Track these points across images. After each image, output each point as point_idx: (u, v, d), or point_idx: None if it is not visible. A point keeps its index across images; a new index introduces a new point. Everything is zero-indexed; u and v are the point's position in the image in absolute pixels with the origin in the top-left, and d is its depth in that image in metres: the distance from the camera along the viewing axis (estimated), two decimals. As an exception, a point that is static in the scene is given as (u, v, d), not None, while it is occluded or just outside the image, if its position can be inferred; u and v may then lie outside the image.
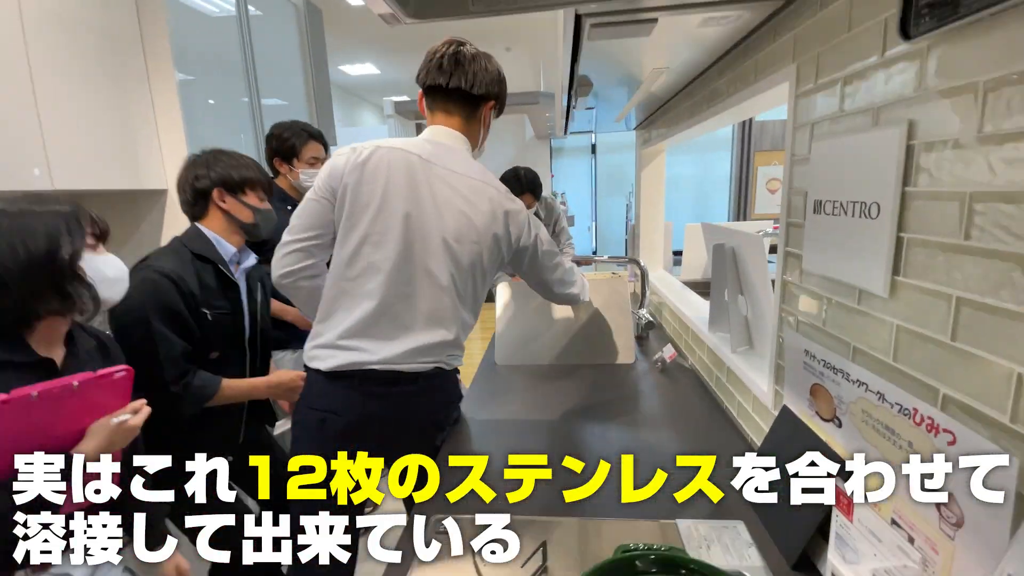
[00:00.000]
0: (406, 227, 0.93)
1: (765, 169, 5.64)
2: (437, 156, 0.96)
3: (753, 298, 1.09)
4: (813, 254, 0.75)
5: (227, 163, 1.20)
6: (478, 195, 0.95)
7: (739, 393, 1.09)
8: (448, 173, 0.95)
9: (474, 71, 0.96)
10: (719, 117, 1.22)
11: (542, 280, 1.10)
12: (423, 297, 0.96)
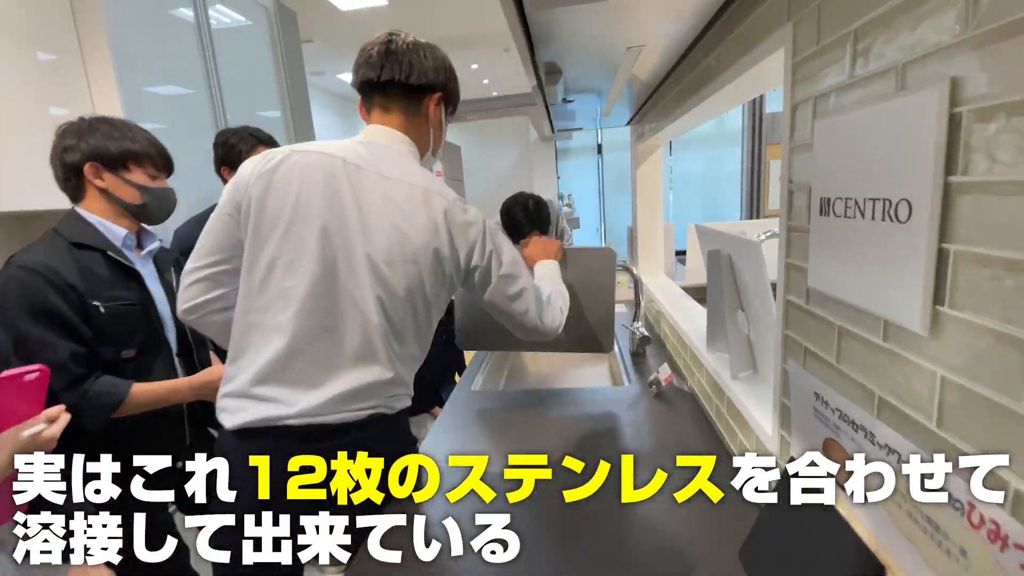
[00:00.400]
0: (324, 245, 0.76)
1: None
2: (368, 159, 0.79)
3: (754, 315, 0.91)
4: (821, 268, 0.57)
5: (105, 132, 1.03)
6: (417, 204, 0.77)
7: (740, 430, 0.91)
8: (380, 179, 0.78)
9: (410, 60, 0.81)
10: (713, 101, 1.05)
11: (501, 312, 0.89)
12: (349, 331, 0.78)
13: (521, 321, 0.90)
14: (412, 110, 0.84)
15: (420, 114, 0.85)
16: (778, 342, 0.70)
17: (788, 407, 0.69)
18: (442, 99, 0.87)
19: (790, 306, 0.67)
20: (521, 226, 1.99)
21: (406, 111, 0.84)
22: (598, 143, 7.45)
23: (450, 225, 0.79)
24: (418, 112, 0.85)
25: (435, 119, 0.87)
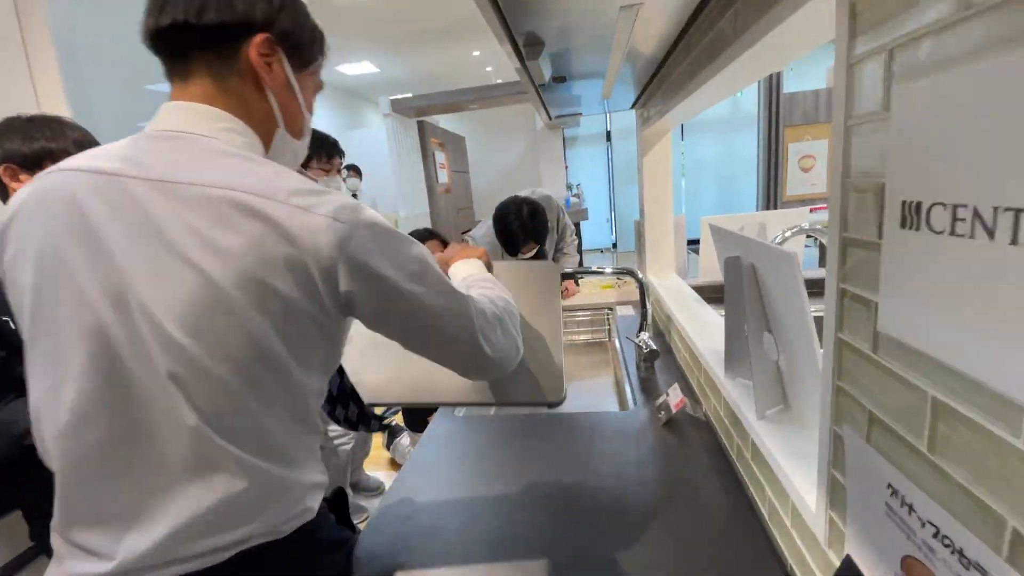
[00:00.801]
0: (92, 322, 0.50)
1: (796, 146, 5.12)
2: (146, 159, 0.51)
3: (786, 340, 0.72)
4: (901, 307, 0.39)
5: (24, 133, 0.96)
6: (223, 221, 0.48)
7: (769, 486, 0.72)
8: (164, 189, 0.50)
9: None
10: (729, 74, 0.85)
11: (419, 342, 0.61)
12: (163, 432, 0.51)
13: (455, 349, 0.61)
14: (221, 68, 0.54)
15: (235, 72, 0.55)
16: (828, 395, 0.51)
17: (842, 485, 0.51)
18: (273, 43, 0.56)
19: (846, 349, 0.48)
20: (516, 237, 1.82)
21: (212, 71, 0.54)
22: (607, 130, 7.19)
23: (287, 236, 0.49)
24: (230, 70, 0.55)
25: (273, 76, 0.57)
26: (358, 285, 0.53)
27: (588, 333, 1.92)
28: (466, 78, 6.55)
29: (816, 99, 5.06)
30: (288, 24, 0.57)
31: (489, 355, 0.63)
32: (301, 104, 0.62)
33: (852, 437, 0.48)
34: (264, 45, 0.55)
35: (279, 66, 0.57)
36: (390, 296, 0.55)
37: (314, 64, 0.63)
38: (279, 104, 0.59)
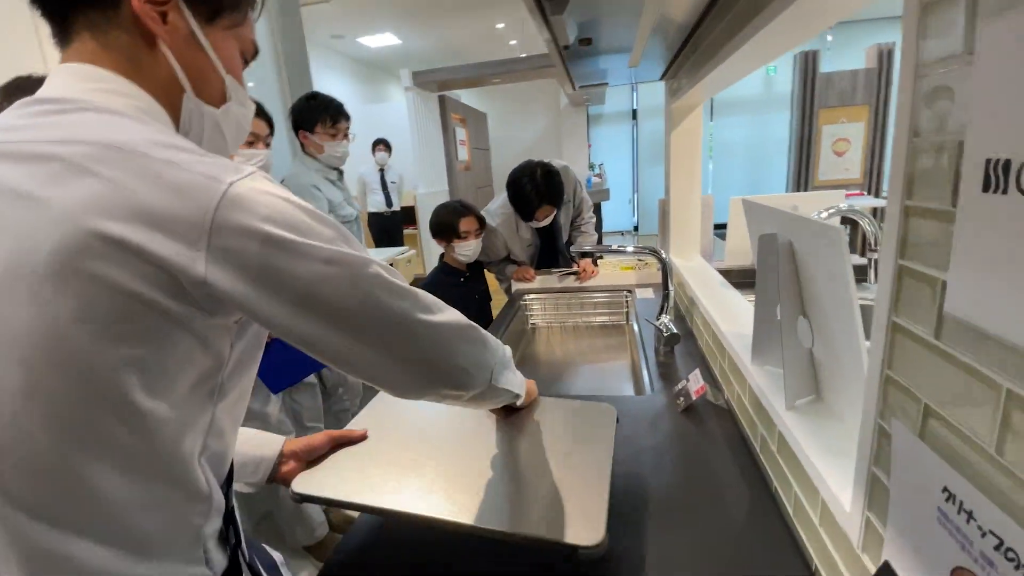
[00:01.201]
0: None
1: (831, 128, 4.90)
2: (9, 124, 0.42)
3: (823, 325, 0.67)
4: (977, 285, 0.33)
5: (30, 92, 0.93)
6: (48, 180, 0.38)
7: (796, 481, 0.67)
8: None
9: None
10: (766, 37, 0.78)
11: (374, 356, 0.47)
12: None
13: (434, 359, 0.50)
14: (103, 21, 0.44)
15: (120, 26, 0.45)
16: (875, 385, 0.46)
17: (881, 482, 0.46)
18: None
19: (900, 334, 0.42)
20: (530, 200, 1.78)
21: (92, 26, 0.45)
22: (633, 108, 7.01)
23: (138, 199, 0.37)
24: (114, 23, 0.44)
25: (168, 29, 0.46)
26: (221, 278, 0.39)
27: (605, 315, 1.87)
28: (490, 51, 6.42)
29: (854, 80, 4.81)
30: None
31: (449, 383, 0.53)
32: (215, 64, 0.50)
33: (902, 433, 0.42)
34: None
35: (177, 16, 0.46)
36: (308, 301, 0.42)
37: (231, 15, 0.50)
38: (183, 63, 0.48)
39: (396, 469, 0.69)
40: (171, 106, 0.49)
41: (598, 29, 1.06)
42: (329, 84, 5.65)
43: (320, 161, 1.75)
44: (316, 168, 1.75)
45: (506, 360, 0.65)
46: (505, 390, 0.64)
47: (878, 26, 6.04)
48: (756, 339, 0.86)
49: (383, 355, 0.47)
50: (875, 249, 1.21)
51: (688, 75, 1.36)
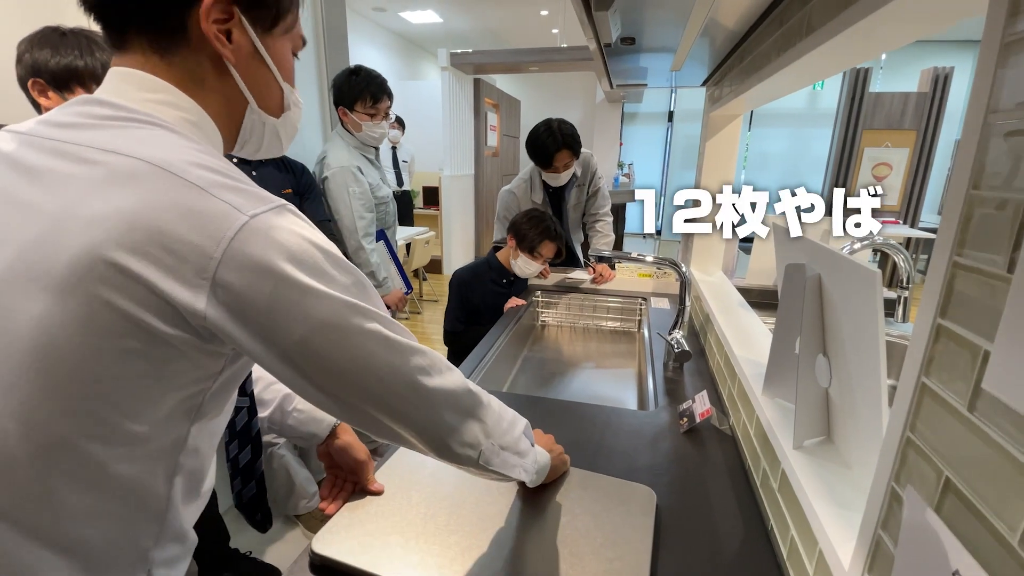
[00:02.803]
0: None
1: (873, 151, 4.75)
2: (56, 124, 0.43)
3: (843, 367, 0.63)
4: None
5: (55, 45, 0.92)
6: (98, 185, 0.39)
7: (795, 523, 0.65)
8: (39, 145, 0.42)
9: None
10: (815, 58, 0.74)
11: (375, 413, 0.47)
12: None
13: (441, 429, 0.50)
14: (168, 43, 0.45)
15: (188, 45, 0.45)
16: (893, 445, 0.43)
17: (889, 551, 0.43)
18: (228, 4, 0.45)
19: (928, 397, 0.39)
20: (546, 145, 1.81)
21: (156, 46, 0.45)
22: (670, 109, 6.87)
23: (157, 222, 0.37)
24: (181, 44, 0.45)
25: (234, 47, 0.46)
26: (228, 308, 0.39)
27: (617, 321, 1.84)
28: (531, 38, 6.33)
29: (904, 103, 4.64)
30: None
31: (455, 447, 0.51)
32: (275, 74, 0.51)
33: (916, 502, 0.40)
34: (217, 10, 0.44)
35: (241, 33, 0.46)
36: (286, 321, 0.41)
37: (287, 18, 0.50)
38: (247, 78, 0.49)
39: (419, 540, 0.67)
40: (229, 118, 0.50)
41: (642, 29, 1.02)
42: (366, 57, 5.64)
43: (357, 138, 1.74)
44: (355, 145, 1.74)
45: (509, 440, 0.59)
46: (499, 474, 0.58)
47: (936, 48, 5.80)
48: (770, 369, 0.82)
49: (370, 410, 0.46)
50: (906, 287, 1.16)
51: (732, 84, 1.31)
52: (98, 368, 0.39)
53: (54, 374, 0.38)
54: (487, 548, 0.67)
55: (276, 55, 0.51)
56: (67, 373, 0.38)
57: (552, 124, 1.88)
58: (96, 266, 0.37)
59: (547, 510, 0.74)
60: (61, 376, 0.38)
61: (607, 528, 0.70)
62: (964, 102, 5.83)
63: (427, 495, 0.76)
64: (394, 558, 0.64)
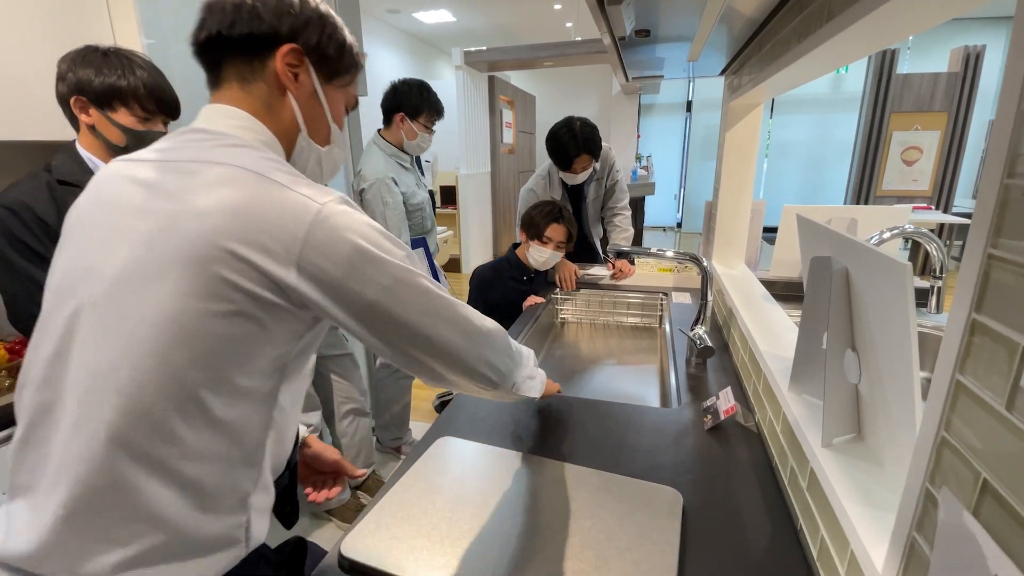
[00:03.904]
0: (70, 284, 0.53)
1: (902, 135, 4.59)
2: (163, 150, 0.57)
3: (873, 362, 0.61)
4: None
5: (97, 65, 0.99)
6: (206, 185, 0.51)
7: (825, 524, 0.63)
8: (162, 167, 0.54)
9: (235, 5, 0.57)
10: (839, 43, 0.71)
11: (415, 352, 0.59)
12: (63, 420, 0.50)
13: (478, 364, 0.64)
14: (251, 75, 0.59)
15: (264, 79, 0.59)
16: (927, 444, 0.41)
17: (924, 554, 0.41)
18: (300, 54, 0.59)
19: (964, 395, 0.38)
20: (567, 147, 1.79)
21: (241, 77, 0.59)
22: (688, 99, 6.76)
23: (255, 210, 0.49)
24: (260, 77, 0.59)
25: (298, 85, 0.60)
26: (314, 277, 0.51)
27: (638, 316, 1.82)
28: (545, 32, 6.29)
29: (934, 84, 4.47)
30: (315, 37, 0.60)
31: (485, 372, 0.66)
32: (327, 114, 0.65)
33: (952, 504, 0.38)
34: (291, 55, 0.59)
35: (306, 76, 0.61)
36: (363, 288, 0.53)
37: (342, 78, 0.65)
38: (304, 111, 0.62)
39: (444, 543, 0.67)
40: (286, 140, 0.62)
41: (657, 20, 1.00)
42: (381, 59, 5.68)
43: (394, 146, 1.78)
44: (391, 153, 1.77)
45: (530, 370, 0.78)
46: (523, 396, 0.78)
47: (965, 27, 5.57)
48: (797, 365, 0.80)
49: (426, 359, 0.60)
50: (940, 276, 1.12)
51: (751, 73, 1.27)
52: (217, 328, 0.49)
53: (183, 336, 0.48)
54: (511, 551, 0.67)
55: (330, 100, 0.64)
56: (192, 334, 0.48)
57: (574, 126, 1.84)
58: (210, 250, 0.48)
59: (572, 513, 0.73)
60: (188, 337, 0.48)
61: (632, 530, 0.69)
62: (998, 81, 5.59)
63: (451, 499, 0.76)
64: (420, 561, 0.65)
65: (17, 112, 1.18)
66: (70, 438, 0.49)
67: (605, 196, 2.15)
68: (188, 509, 0.51)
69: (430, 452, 0.88)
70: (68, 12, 1.26)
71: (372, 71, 4.43)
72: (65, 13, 1.25)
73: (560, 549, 0.67)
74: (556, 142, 1.86)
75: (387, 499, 0.76)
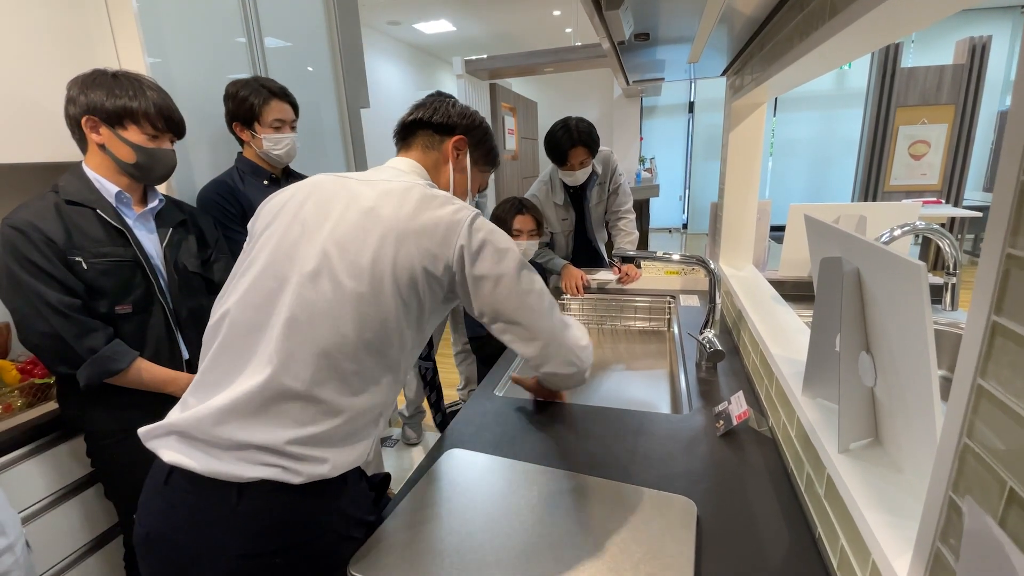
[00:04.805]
0: (288, 243, 0.74)
1: (908, 129, 4.54)
2: (365, 175, 0.83)
3: (889, 365, 0.60)
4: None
5: (107, 87, 1.03)
6: (396, 197, 0.76)
7: (844, 532, 0.61)
8: (365, 182, 0.79)
9: (435, 106, 0.90)
10: (848, 36, 0.70)
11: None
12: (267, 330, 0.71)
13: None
14: (432, 146, 0.88)
15: (439, 150, 0.89)
16: (949, 451, 0.40)
17: (950, 566, 0.40)
18: (464, 142, 0.90)
19: (986, 400, 0.36)
20: (561, 142, 1.81)
21: (424, 146, 0.88)
22: (690, 100, 6.74)
23: (426, 219, 0.73)
24: (436, 149, 0.89)
25: (457, 161, 0.90)
26: (469, 268, 0.74)
27: (645, 320, 1.80)
28: (544, 40, 6.31)
29: (940, 76, 4.43)
30: (476, 137, 0.92)
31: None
32: (467, 184, 0.93)
33: (976, 515, 0.37)
34: (458, 142, 0.89)
35: (463, 157, 0.91)
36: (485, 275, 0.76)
37: (484, 165, 0.95)
38: (455, 178, 0.90)
39: (455, 557, 0.66)
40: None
41: (657, 23, 1.00)
42: (383, 70, 5.73)
43: None
44: None
45: (589, 352, 0.96)
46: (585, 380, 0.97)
47: (970, 18, 5.52)
48: (810, 369, 0.79)
49: (533, 337, 0.82)
50: (953, 272, 1.10)
51: (753, 73, 1.26)
52: (407, 298, 0.71)
53: (379, 306, 0.69)
54: (521, 567, 0.65)
55: (472, 177, 0.94)
56: (387, 305, 0.70)
57: (569, 122, 1.87)
58: (414, 269, 0.72)
59: (583, 526, 0.72)
60: (382, 305, 0.70)
61: (645, 542, 0.68)
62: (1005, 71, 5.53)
63: (459, 513, 0.75)
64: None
65: (25, 134, 1.20)
66: (282, 340, 0.67)
67: (608, 200, 2.14)
68: (355, 408, 0.70)
69: (438, 465, 0.87)
70: (73, 34, 1.27)
71: (373, 83, 4.47)
72: (70, 35, 1.27)
73: (572, 564, 0.66)
74: (551, 137, 1.89)
75: (395, 515, 0.75)
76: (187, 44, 1.46)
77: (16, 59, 1.17)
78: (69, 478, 1.20)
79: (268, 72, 1.71)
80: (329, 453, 0.67)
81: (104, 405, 1.08)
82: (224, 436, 0.65)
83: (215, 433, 0.65)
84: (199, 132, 1.45)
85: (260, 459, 0.64)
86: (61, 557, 1.18)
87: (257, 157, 1.41)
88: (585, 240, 2.17)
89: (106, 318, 1.06)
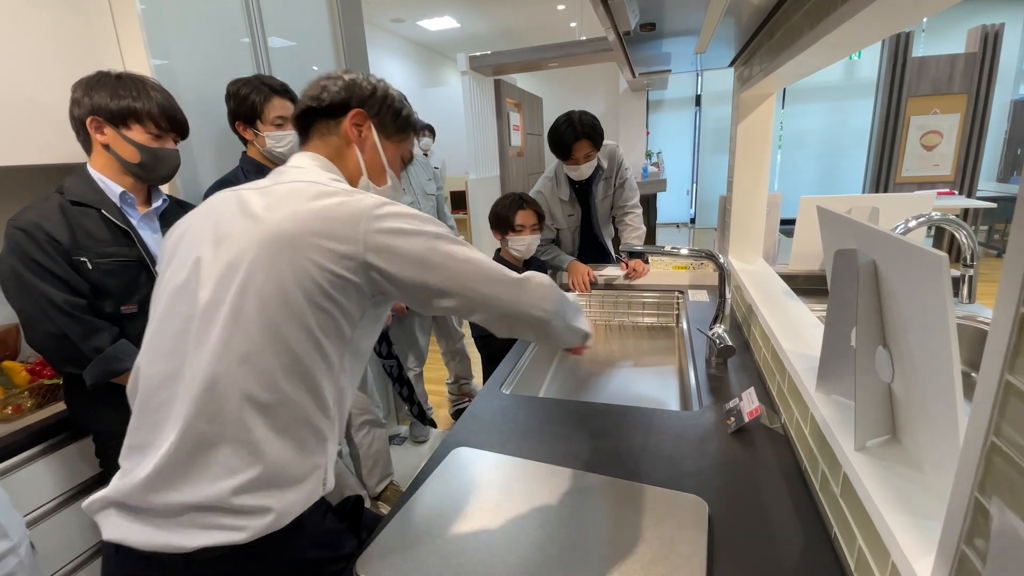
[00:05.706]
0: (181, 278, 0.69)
1: (920, 119, 4.47)
2: (259, 184, 0.74)
3: (907, 360, 0.58)
4: None
5: (112, 88, 1.04)
6: (296, 194, 0.68)
7: (862, 532, 0.60)
8: (260, 191, 0.71)
9: (323, 85, 0.80)
10: (852, 27, 0.68)
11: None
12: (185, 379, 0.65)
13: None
14: (329, 131, 0.79)
15: (338, 134, 0.79)
16: (975, 451, 0.38)
17: (976, 570, 0.38)
18: (364, 116, 0.79)
19: (1015, 397, 0.35)
20: (564, 135, 1.79)
21: (321, 132, 0.79)
22: (697, 93, 6.69)
23: (331, 214, 0.64)
24: (334, 132, 0.79)
25: (361, 139, 0.80)
26: (377, 254, 0.64)
27: (654, 316, 1.78)
28: (549, 34, 6.27)
29: (951, 65, 4.35)
30: (374, 106, 0.80)
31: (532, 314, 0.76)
32: (383, 161, 0.83)
33: (1005, 516, 0.35)
34: (355, 118, 0.78)
35: (368, 132, 0.80)
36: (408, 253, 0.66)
37: (399, 135, 0.84)
38: (365, 159, 0.80)
39: (462, 558, 0.66)
40: (351, 179, 0.80)
41: (662, 13, 0.98)
42: (388, 68, 5.72)
43: None
44: None
45: (577, 306, 0.88)
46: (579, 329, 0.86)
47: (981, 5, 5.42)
48: (824, 364, 0.77)
49: (483, 304, 0.71)
50: (971, 264, 1.07)
51: (761, 63, 1.24)
52: (315, 302, 0.63)
53: (288, 310, 0.62)
54: (530, 568, 0.64)
55: (386, 151, 0.83)
56: (295, 309, 0.62)
57: (572, 115, 1.85)
58: (309, 247, 0.62)
59: (592, 525, 0.71)
60: (293, 311, 0.62)
61: (656, 543, 0.67)
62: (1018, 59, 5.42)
63: (466, 513, 0.74)
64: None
65: (30, 136, 1.20)
66: (193, 391, 0.61)
67: (615, 195, 2.11)
68: (276, 444, 0.63)
69: (445, 464, 0.87)
70: (78, 37, 1.27)
71: (379, 81, 4.46)
72: (75, 38, 1.27)
73: (581, 564, 0.64)
74: (555, 131, 1.87)
75: (402, 514, 0.75)
76: (191, 45, 1.46)
77: (21, 62, 1.18)
78: (79, 478, 1.21)
79: (272, 72, 1.70)
80: (274, 499, 0.61)
81: (112, 405, 1.08)
82: (159, 503, 0.60)
83: (151, 501, 0.60)
84: (204, 133, 1.45)
85: (201, 521, 0.59)
86: (72, 558, 1.19)
87: (261, 156, 1.40)
88: (591, 236, 2.15)
89: (112, 318, 1.07)
